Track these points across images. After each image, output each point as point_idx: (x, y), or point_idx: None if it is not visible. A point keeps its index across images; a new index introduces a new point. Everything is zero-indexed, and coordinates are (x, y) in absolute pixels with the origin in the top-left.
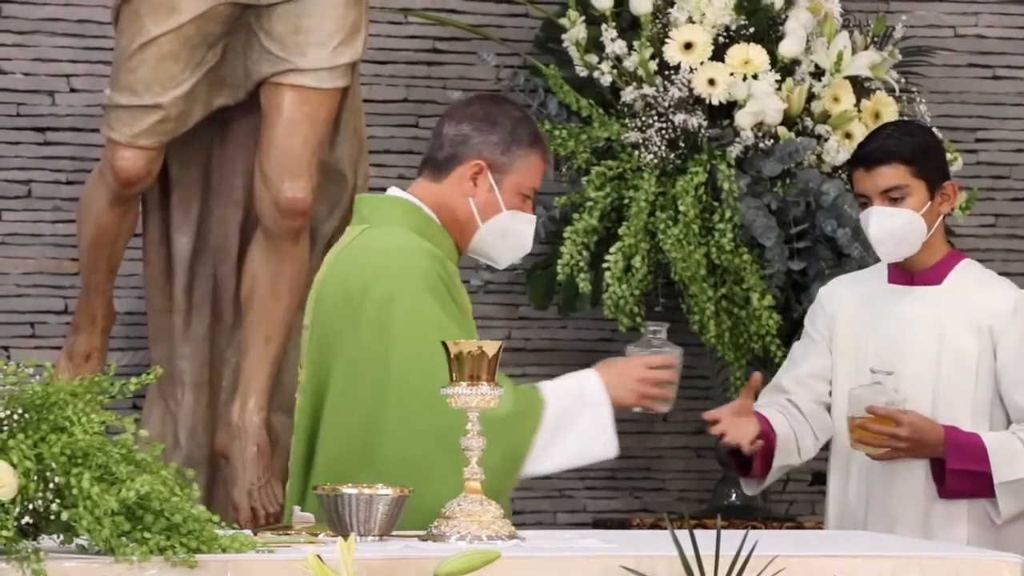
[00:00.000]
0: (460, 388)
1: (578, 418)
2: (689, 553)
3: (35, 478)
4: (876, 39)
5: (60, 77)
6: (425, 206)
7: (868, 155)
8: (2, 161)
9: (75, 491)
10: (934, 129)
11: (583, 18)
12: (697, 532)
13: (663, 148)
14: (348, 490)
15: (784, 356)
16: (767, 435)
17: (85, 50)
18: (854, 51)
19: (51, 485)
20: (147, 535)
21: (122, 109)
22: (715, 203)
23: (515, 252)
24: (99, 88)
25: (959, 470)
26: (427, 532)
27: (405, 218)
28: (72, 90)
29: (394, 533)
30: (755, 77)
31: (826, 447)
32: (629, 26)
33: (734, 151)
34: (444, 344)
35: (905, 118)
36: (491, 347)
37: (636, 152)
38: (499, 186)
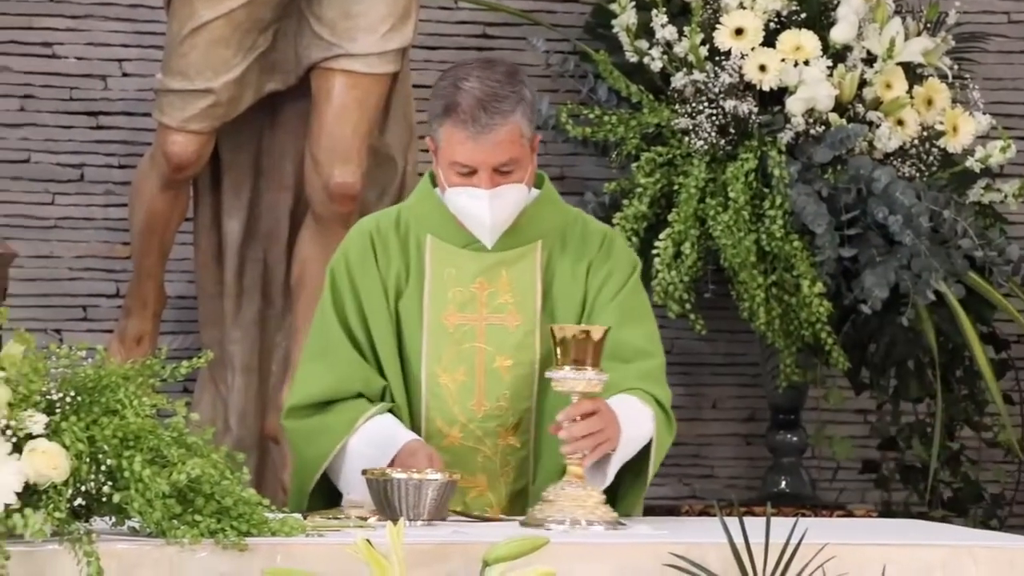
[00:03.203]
0: (565, 372)
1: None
2: (739, 541)
3: (87, 460)
4: (929, 25)
5: (112, 61)
6: None
7: None
8: (55, 145)
9: (127, 474)
10: (987, 115)
11: (633, 3)
12: (747, 520)
13: (713, 134)
14: (397, 475)
15: (835, 343)
16: None
17: (137, 34)
18: (907, 37)
19: (103, 467)
20: (198, 518)
21: (174, 94)
22: (765, 190)
23: (479, 230)
24: (151, 72)
25: None
26: (527, 516)
27: (417, 191)
28: (124, 74)
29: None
30: (806, 63)
31: None
32: (680, 11)
33: (785, 137)
34: (551, 329)
35: None
36: (597, 332)
37: (686, 138)
38: (439, 164)
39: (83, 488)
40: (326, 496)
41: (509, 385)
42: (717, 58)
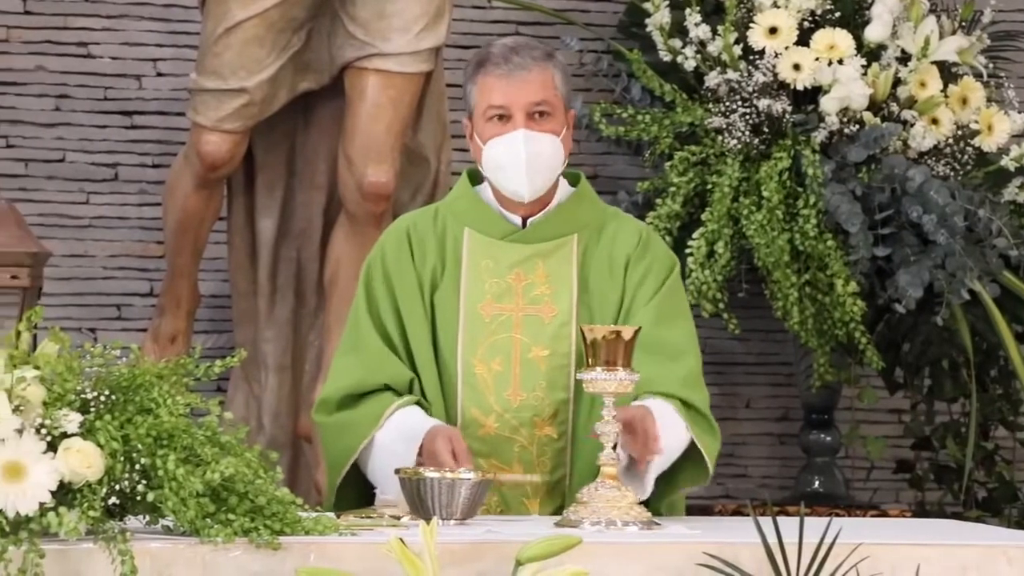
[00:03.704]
0: (596, 373)
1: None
2: (772, 540)
3: (121, 459)
4: (964, 24)
5: (147, 61)
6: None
7: None
8: (89, 144)
9: (161, 472)
10: (1022, 114)
11: (667, 2)
12: (780, 519)
13: (747, 133)
14: (430, 474)
15: (869, 343)
16: None
17: (171, 34)
18: (941, 36)
19: (137, 466)
20: (231, 517)
21: (207, 93)
22: (799, 189)
23: (516, 177)
24: (185, 72)
25: None
26: (562, 517)
27: (455, 188)
28: (159, 74)
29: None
30: (840, 62)
31: None
32: (713, 10)
33: (819, 136)
34: (581, 329)
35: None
36: (628, 332)
37: (720, 137)
38: (475, 128)
39: (117, 487)
40: (360, 490)
41: (545, 375)
42: (751, 57)
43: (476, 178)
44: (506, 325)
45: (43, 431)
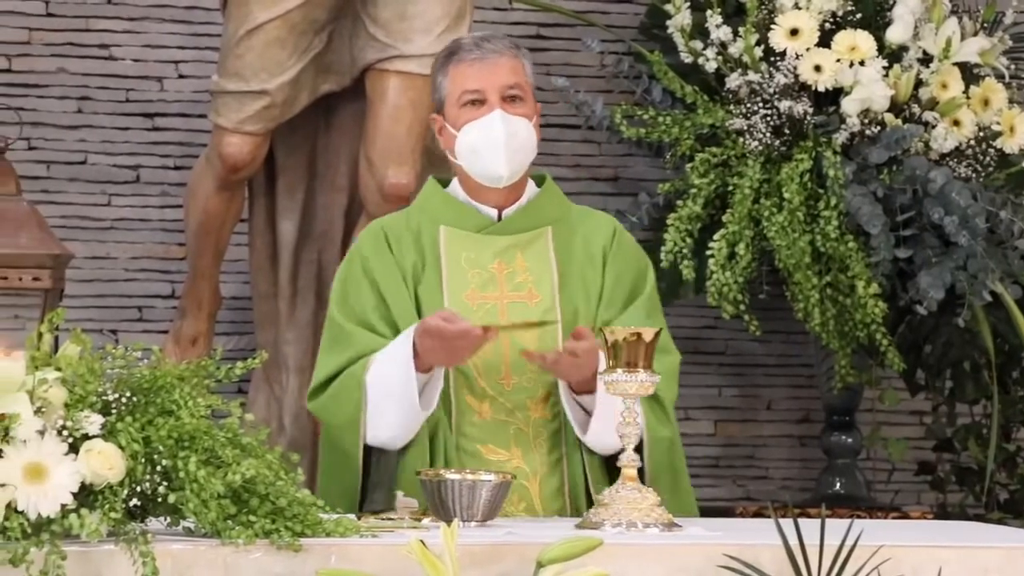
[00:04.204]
0: (617, 375)
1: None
2: (793, 542)
3: (143, 461)
4: (985, 25)
5: (168, 63)
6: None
7: None
8: (111, 147)
9: (182, 474)
10: None
11: (688, 4)
12: (801, 521)
13: (768, 135)
14: (451, 476)
15: (890, 344)
16: None
17: (193, 36)
18: (963, 37)
19: (158, 468)
20: (252, 518)
21: (229, 95)
22: (820, 190)
23: (497, 152)
24: (207, 74)
25: None
26: (583, 519)
27: (423, 192)
28: (180, 76)
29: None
30: (862, 63)
31: None
32: (734, 12)
33: (840, 138)
34: (602, 331)
35: None
36: (648, 333)
37: (741, 139)
38: (448, 117)
39: (138, 488)
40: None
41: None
42: (772, 58)
43: (442, 185)
44: (492, 313)
45: (65, 433)
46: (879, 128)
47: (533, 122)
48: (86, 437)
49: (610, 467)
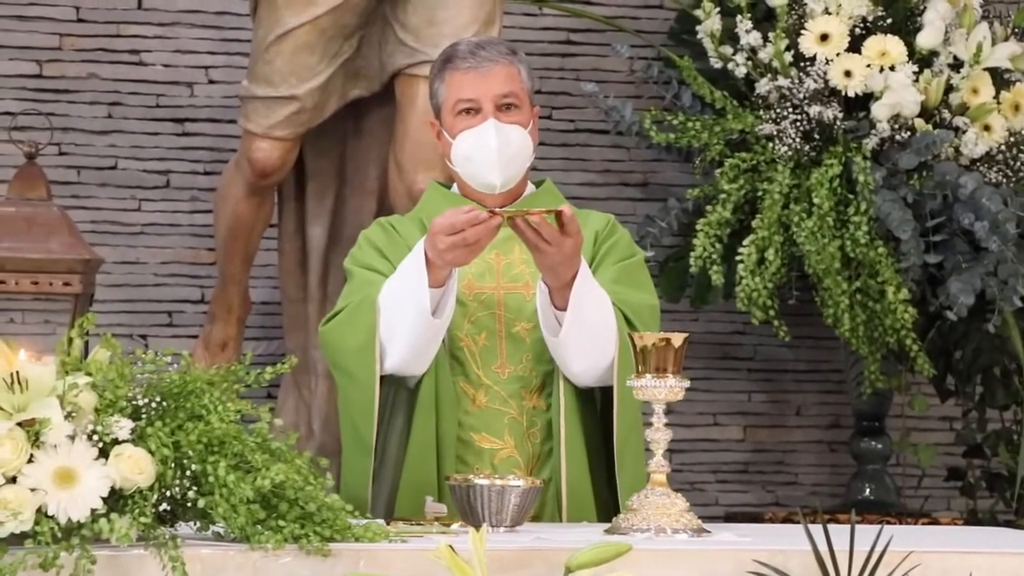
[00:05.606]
0: (646, 380)
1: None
2: (823, 548)
3: (172, 465)
4: (1016, 30)
5: (198, 68)
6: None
7: None
8: (141, 151)
9: (211, 479)
10: None
11: (718, 9)
12: (831, 527)
13: (798, 140)
14: (480, 481)
15: (920, 350)
16: None
17: (223, 41)
18: (994, 42)
19: (188, 472)
20: (281, 523)
21: (258, 100)
22: (850, 196)
23: (490, 161)
24: (236, 79)
25: None
26: (612, 524)
27: (425, 196)
28: (210, 81)
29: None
30: (892, 69)
31: None
32: (764, 17)
33: (870, 143)
34: (630, 336)
35: None
36: (678, 339)
37: (770, 144)
38: (444, 124)
39: (168, 493)
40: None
41: (530, 348)
42: (802, 64)
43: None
44: (488, 303)
45: (95, 437)
46: (909, 133)
47: (529, 128)
48: (116, 442)
49: (592, 465)
